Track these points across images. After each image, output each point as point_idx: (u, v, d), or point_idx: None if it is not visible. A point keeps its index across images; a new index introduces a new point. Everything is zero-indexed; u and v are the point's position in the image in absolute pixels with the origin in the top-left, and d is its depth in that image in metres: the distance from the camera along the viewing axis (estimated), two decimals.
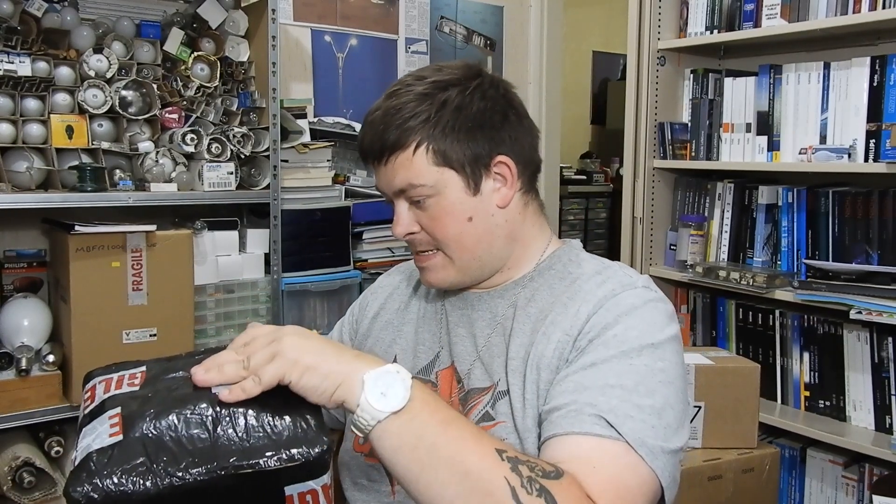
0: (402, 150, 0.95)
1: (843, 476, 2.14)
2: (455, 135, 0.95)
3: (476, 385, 0.99)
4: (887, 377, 2.00)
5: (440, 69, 1.00)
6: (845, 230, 2.10)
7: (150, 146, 2.02)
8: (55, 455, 1.90)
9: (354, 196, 2.51)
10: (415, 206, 0.99)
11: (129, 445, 0.70)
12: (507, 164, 0.99)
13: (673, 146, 2.49)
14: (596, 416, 0.82)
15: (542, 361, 0.93)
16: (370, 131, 0.98)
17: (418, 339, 1.09)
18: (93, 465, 0.68)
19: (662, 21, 2.49)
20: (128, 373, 0.82)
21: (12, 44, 1.85)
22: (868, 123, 2.01)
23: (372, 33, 2.79)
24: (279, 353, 0.75)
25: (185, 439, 0.71)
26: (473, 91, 0.97)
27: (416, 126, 0.94)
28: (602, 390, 0.84)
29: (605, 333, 0.90)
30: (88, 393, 0.80)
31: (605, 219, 4.43)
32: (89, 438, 0.71)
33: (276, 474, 0.71)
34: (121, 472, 0.68)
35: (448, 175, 0.96)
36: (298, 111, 2.36)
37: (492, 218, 1.00)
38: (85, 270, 1.81)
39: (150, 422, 0.72)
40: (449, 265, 1.01)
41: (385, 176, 0.99)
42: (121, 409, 0.74)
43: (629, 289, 0.95)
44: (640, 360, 0.87)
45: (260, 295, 2.22)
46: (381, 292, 1.21)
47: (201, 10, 2.15)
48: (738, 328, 2.37)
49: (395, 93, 0.97)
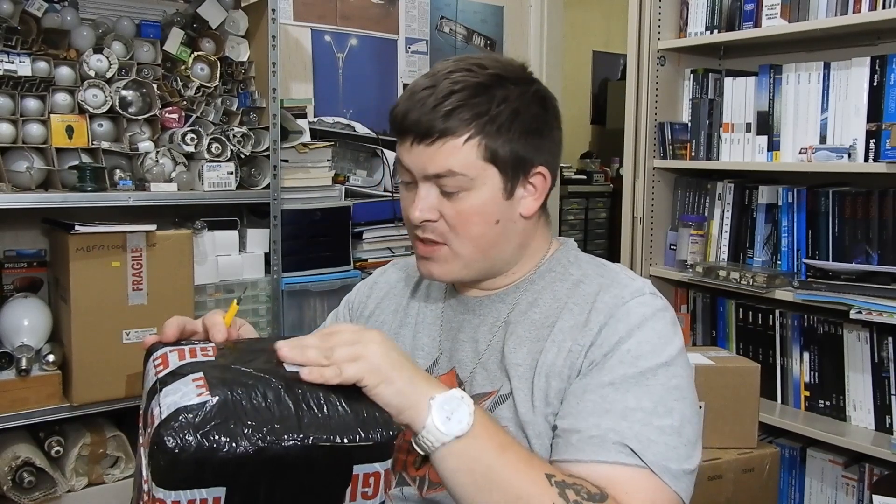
0: (454, 137, 0.92)
1: (843, 476, 2.14)
2: (508, 135, 0.94)
3: (478, 391, 0.98)
4: (887, 377, 2.00)
5: (498, 61, 0.98)
6: (845, 230, 2.10)
7: (150, 146, 2.02)
8: (55, 455, 1.90)
9: (354, 196, 2.51)
10: (443, 195, 0.95)
11: (218, 406, 0.72)
12: (544, 175, 0.99)
13: (673, 146, 2.49)
14: (621, 445, 0.85)
15: (552, 370, 0.93)
16: (418, 108, 0.93)
17: (416, 344, 1.07)
18: (184, 419, 0.70)
19: (662, 21, 2.49)
20: (199, 345, 0.84)
21: (12, 44, 1.85)
22: (868, 123, 2.01)
23: (372, 33, 2.79)
24: (363, 356, 0.78)
25: (271, 407, 0.73)
26: (532, 96, 0.97)
27: (472, 117, 0.92)
28: (623, 414, 0.86)
29: (619, 348, 0.90)
30: (160, 360, 0.81)
31: (605, 219, 4.43)
32: (174, 396, 0.73)
33: (350, 452, 0.74)
34: (210, 430, 0.70)
35: (490, 173, 0.94)
36: (298, 111, 2.36)
37: (513, 225, 0.99)
38: (85, 270, 1.81)
39: (237, 387, 0.74)
40: (454, 260, 0.98)
41: (421, 156, 0.94)
42: (203, 374, 0.76)
43: (637, 296, 0.95)
44: (656, 379, 0.89)
45: (260, 295, 2.22)
46: (378, 290, 1.19)
47: (201, 10, 2.15)
48: (738, 328, 2.37)
49: (450, 74, 0.94)
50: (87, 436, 1.93)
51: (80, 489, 1.92)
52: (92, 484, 1.94)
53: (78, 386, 1.84)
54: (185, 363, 0.79)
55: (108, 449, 1.97)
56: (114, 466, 1.99)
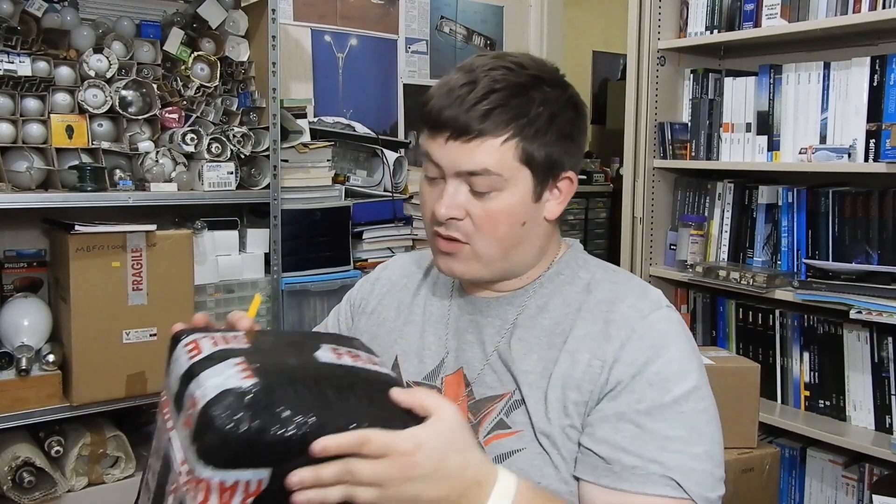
0: (492, 136, 0.91)
1: (843, 476, 2.14)
2: (544, 139, 0.93)
3: (487, 393, 0.97)
4: (887, 377, 2.00)
5: (535, 61, 0.96)
6: (845, 230, 2.10)
7: (150, 146, 2.02)
8: (55, 455, 1.90)
9: (354, 196, 2.51)
10: (473, 194, 0.94)
11: (265, 390, 0.72)
12: (571, 179, 0.99)
13: (673, 146, 2.49)
14: (666, 478, 0.87)
15: (569, 381, 0.92)
16: (457, 105, 0.91)
17: (424, 344, 1.06)
18: (233, 399, 0.71)
19: (662, 21, 2.49)
20: (231, 333, 0.85)
21: (12, 44, 1.85)
22: (868, 123, 2.01)
23: (372, 33, 2.79)
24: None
25: (313, 393, 0.75)
26: (569, 100, 0.96)
27: (511, 118, 0.91)
28: (663, 445, 0.88)
29: (646, 370, 0.90)
30: (192, 345, 0.81)
31: (605, 219, 4.42)
32: (218, 378, 0.73)
33: None
34: (260, 411, 0.71)
35: (523, 175, 0.94)
36: (298, 111, 2.36)
37: (537, 227, 0.98)
38: (85, 270, 1.81)
39: (278, 373, 0.75)
40: (473, 259, 0.97)
41: (455, 152, 0.92)
42: (245, 359, 0.76)
43: (657, 309, 0.95)
44: (688, 405, 0.90)
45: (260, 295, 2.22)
46: (380, 286, 1.17)
47: (201, 10, 2.15)
48: (738, 328, 2.37)
49: (490, 72, 0.92)
50: (87, 436, 1.93)
51: (80, 489, 1.92)
52: (92, 484, 1.94)
53: (78, 386, 1.84)
54: (220, 349, 0.80)
55: (108, 449, 1.97)
56: (114, 466, 1.99)
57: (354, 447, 0.75)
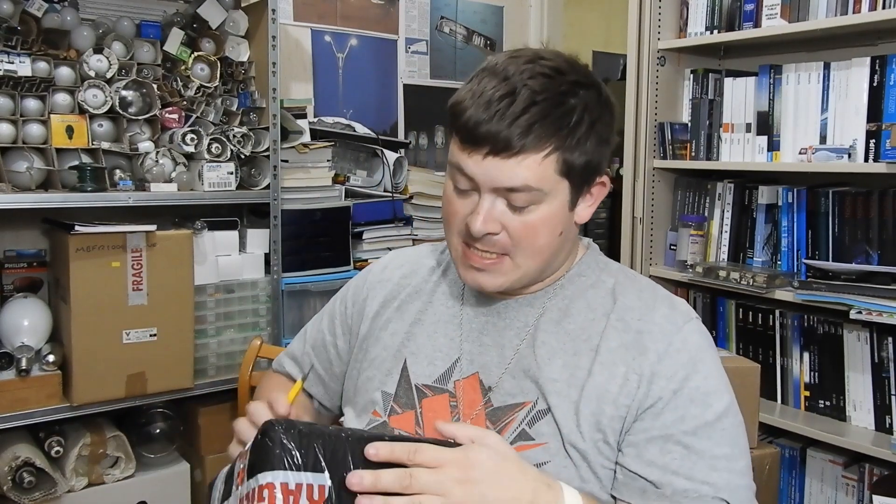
0: (534, 152, 0.87)
1: (843, 476, 2.14)
2: (584, 147, 0.89)
3: (507, 401, 0.94)
4: (887, 377, 2.00)
5: (568, 62, 0.92)
6: (845, 230, 2.10)
7: (150, 146, 2.02)
8: (55, 455, 1.90)
9: (354, 196, 2.51)
10: (511, 209, 0.90)
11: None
12: (604, 183, 0.97)
13: (673, 146, 2.49)
14: (717, 499, 0.87)
15: (605, 396, 0.90)
16: (497, 119, 0.86)
17: (435, 346, 1.01)
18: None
19: (662, 21, 2.49)
20: (305, 483, 0.73)
21: (12, 44, 1.85)
22: (868, 123, 2.01)
23: (372, 33, 2.79)
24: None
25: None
26: (603, 102, 0.93)
27: (553, 131, 0.87)
28: (711, 465, 0.88)
29: (686, 385, 0.90)
30: (267, 494, 0.72)
31: (606, 219, 4.41)
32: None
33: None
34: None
35: (562, 186, 0.91)
36: (298, 111, 2.36)
37: (570, 234, 0.97)
38: (85, 270, 1.81)
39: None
40: (513, 271, 0.93)
41: (494, 168, 0.88)
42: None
43: (688, 321, 0.95)
44: (728, 420, 0.91)
45: (260, 295, 2.22)
46: (381, 288, 1.11)
47: (201, 10, 2.15)
48: (738, 328, 2.37)
49: (529, 81, 0.87)
50: (87, 436, 1.93)
51: (80, 489, 1.92)
52: (92, 484, 1.95)
53: (78, 386, 1.84)
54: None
55: (107, 449, 1.97)
56: (114, 466, 1.99)
57: (406, 454, 0.75)
